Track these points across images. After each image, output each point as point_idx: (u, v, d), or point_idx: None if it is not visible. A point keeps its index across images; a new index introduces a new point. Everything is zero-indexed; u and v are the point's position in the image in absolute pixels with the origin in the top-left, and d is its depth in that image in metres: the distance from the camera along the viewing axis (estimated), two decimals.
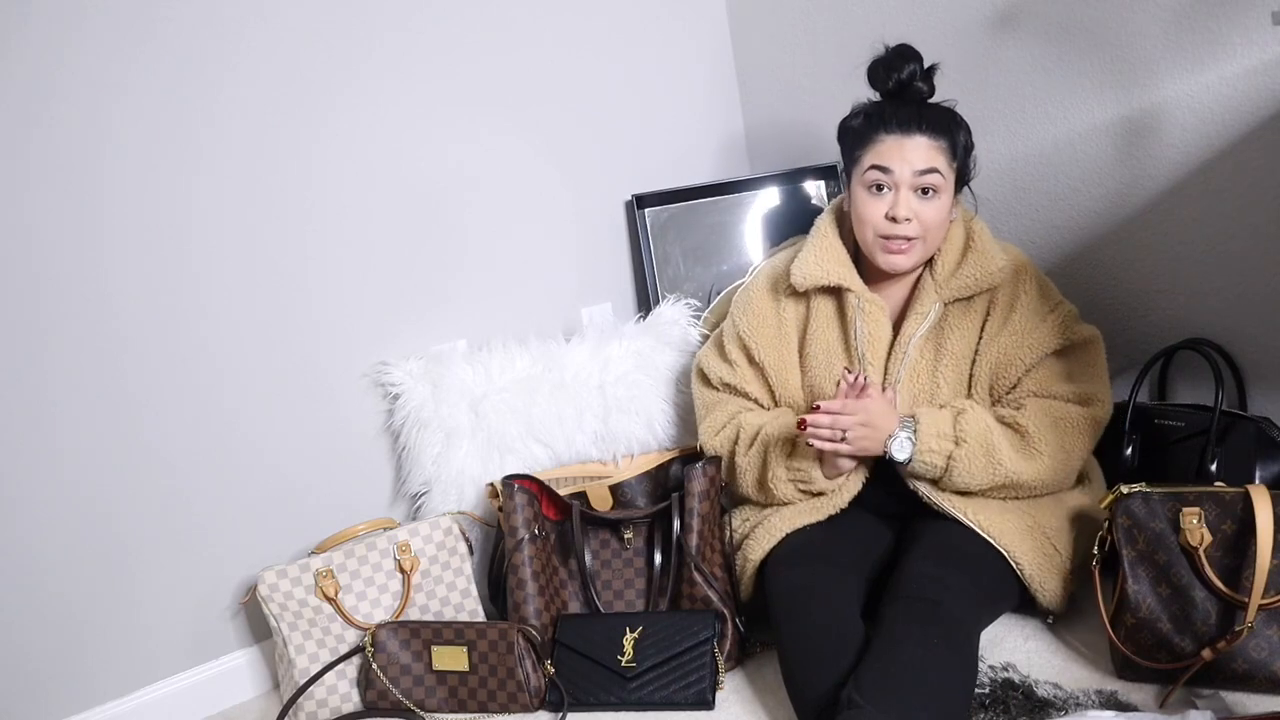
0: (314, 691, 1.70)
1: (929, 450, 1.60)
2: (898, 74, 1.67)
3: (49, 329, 1.67)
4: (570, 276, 2.27)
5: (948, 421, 1.62)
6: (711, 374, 1.85)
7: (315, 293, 1.93)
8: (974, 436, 1.60)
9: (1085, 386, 1.67)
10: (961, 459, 1.60)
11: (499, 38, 2.14)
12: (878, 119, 1.67)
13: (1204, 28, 1.74)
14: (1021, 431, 1.63)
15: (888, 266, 1.69)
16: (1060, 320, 1.69)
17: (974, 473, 1.61)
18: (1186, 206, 1.84)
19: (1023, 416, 1.64)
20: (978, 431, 1.61)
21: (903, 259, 1.67)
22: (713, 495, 1.77)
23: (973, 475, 1.61)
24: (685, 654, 1.63)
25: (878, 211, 1.66)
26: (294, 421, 1.91)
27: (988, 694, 1.49)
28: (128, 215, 1.72)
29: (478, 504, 1.96)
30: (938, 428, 1.61)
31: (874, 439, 1.60)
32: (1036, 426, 1.63)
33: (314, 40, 1.90)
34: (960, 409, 1.64)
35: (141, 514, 1.76)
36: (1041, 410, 1.65)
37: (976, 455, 1.60)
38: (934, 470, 1.62)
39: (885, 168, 1.65)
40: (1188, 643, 1.42)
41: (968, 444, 1.60)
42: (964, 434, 1.60)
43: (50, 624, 1.69)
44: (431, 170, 2.06)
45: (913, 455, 1.61)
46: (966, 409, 1.64)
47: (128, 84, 1.71)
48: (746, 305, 1.83)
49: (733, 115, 2.55)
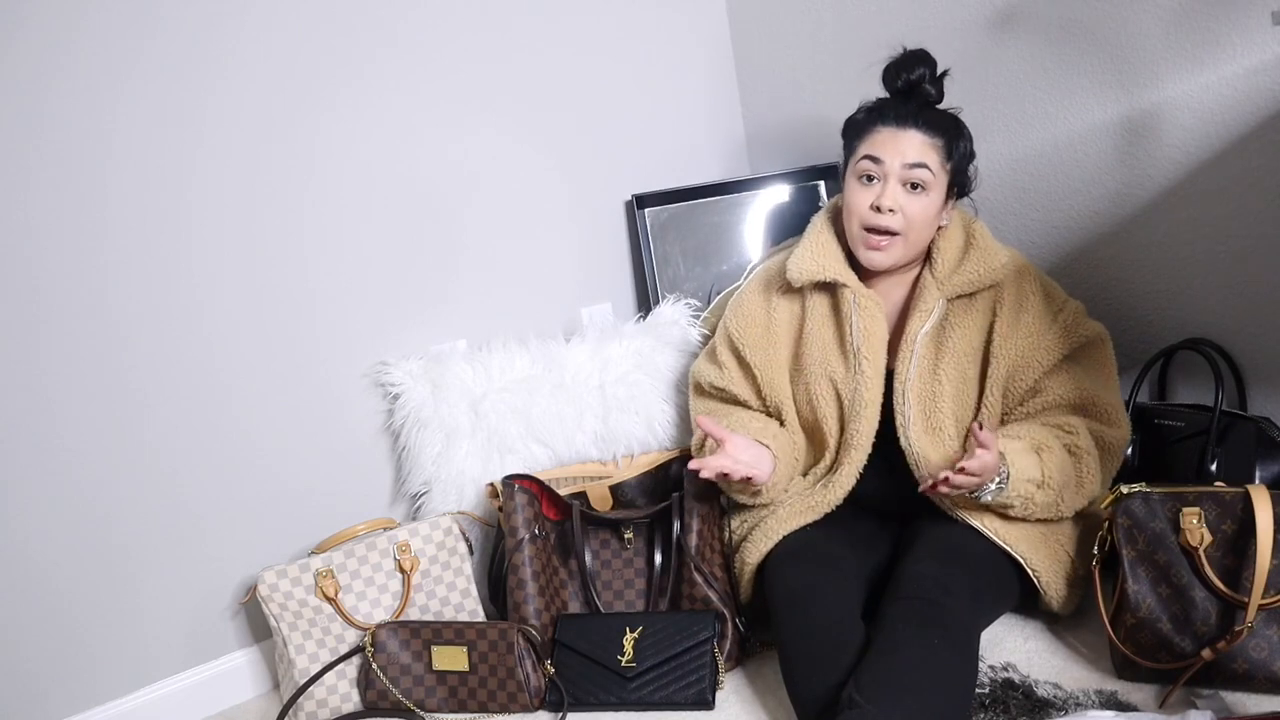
0: (314, 691, 1.70)
1: (1017, 495, 1.56)
2: (907, 74, 1.68)
3: (49, 329, 1.67)
4: (570, 276, 2.27)
5: (1036, 465, 1.56)
6: (703, 380, 1.86)
7: (315, 292, 1.93)
8: (1058, 483, 1.57)
9: (1108, 400, 1.65)
10: (1038, 499, 1.57)
11: (499, 38, 2.14)
12: (877, 112, 1.69)
13: (1204, 28, 1.74)
14: (1078, 456, 1.61)
15: (866, 262, 1.69)
16: (1070, 319, 1.68)
17: (1041, 509, 1.59)
18: (1186, 206, 1.84)
19: (1081, 440, 1.61)
20: (1062, 477, 1.58)
21: (880, 256, 1.67)
22: (713, 496, 1.77)
23: (1039, 511, 1.59)
24: (685, 654, 1.63)
25: (865, 201, 1.66)
26: (294, 421, 1.91)
27: (988, 694, 1.49)
28: (128, 215, 1.73)
29: (478, 504, 1.96)
30: (1028, 472, 1.55)
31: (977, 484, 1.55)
32: (1090, 455, 1.61)
33: (314, 40, 1.90)
34: (1041, 444, 1.59)
35: (141, 514, 1.76)
36: (1090, 437, 1.62)
37: (1050, 498, 1.58)
38: (1008, 507, 1.58)
39: (876, 158, 1.65)
40: (1188, 643, 1.42)
41: (1050, 490, 1.57)
42: (1050, 479, 1.56)
43: (50, 624, 1.69)
44: (432, 170, 2.06)
45: (994, 497, 1.56)
46: (1048, 446, 1.58)
47: (128, 84, 1.71)
48: (737, 305, 1.83)
49: (733, 115, 2.55)
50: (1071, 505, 1.62)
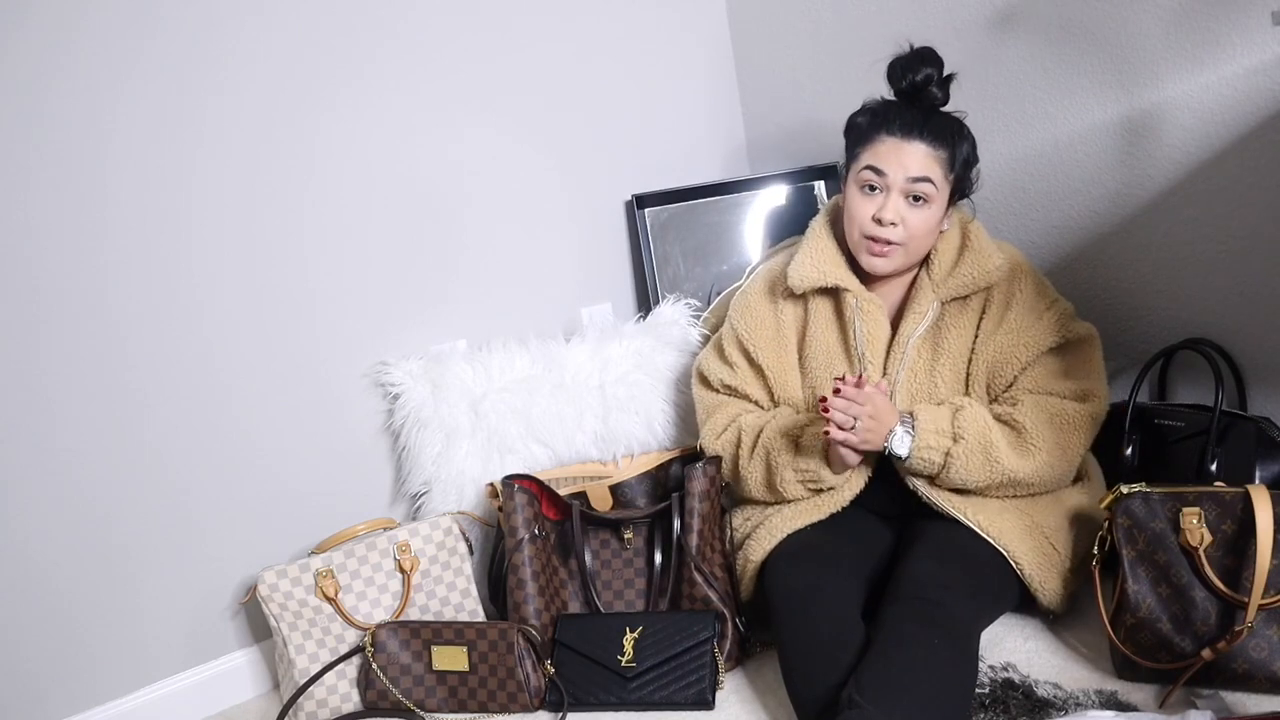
0: (314, 691, 1.70)
1: (927, 446, 1.60)
2: (913, 75, 1.66)
3: (49, 329, 1.67)
4: (570, 276, 2.27)
5: (946, 418, 1.62)
6: (712, 376, 1.85)
7: (315, 292, 1.93)
8: (972, 433, 1.61)
9: (1082, 383, 1.67)
10: (959, 455, 1.60)
11: (499, 38, 2.14)
12: (881, 119, 1.67)
13: (1204, 28, 1.74)
14: (1018, 428, 1.64)
15: (868, 267, 1.70)
16: (1056, 317, 1.69)
17: (971, 469, 1.61)
18: (1186, 206, 1.84)
19: (1019, 413, 1.64)
20: (976, 429, 1.61)
21: (882, 262, 1.68)
22: (713, 495, 1.77)
23: (970, 472, 1.61)
24: (685, 654, 1.63)
25: (866, 211, 1.66)
26: (294, 421, 1.91)
27: (988, 694, 1.49)
28: (128, 215, 1.72)
29: (478, 504, 1.96)
30: (936, 424, 1.61)
31: (878, 432, 1.60)
32: (1033, 423, 1.63)
33: (314, 39, 1.90)
34: (958, 406, 1.65)
35: (141, 514, 1.76)
36: (1037, 406, 1.65)
37: (974, 452, 1.60)
38: (932, 466, 1.62)
39: (879, 169, 1.65)
40: (1188, 643, 1.42)
41: (965, 440, 1.60)
42: (962, 430, 1.61)
43: (50, 624, 1.69)
44: (432, 169, 2.06)
45: (911, 451, 1.61)
46: (964, 406, 1.64)
47: (128, 84, 1.71)
48: (744, 308, 1.83)
49: (733, 115, 2.55)
50: (1013, 469, 1.61)
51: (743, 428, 1.77)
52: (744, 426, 1.77)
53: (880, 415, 1.59)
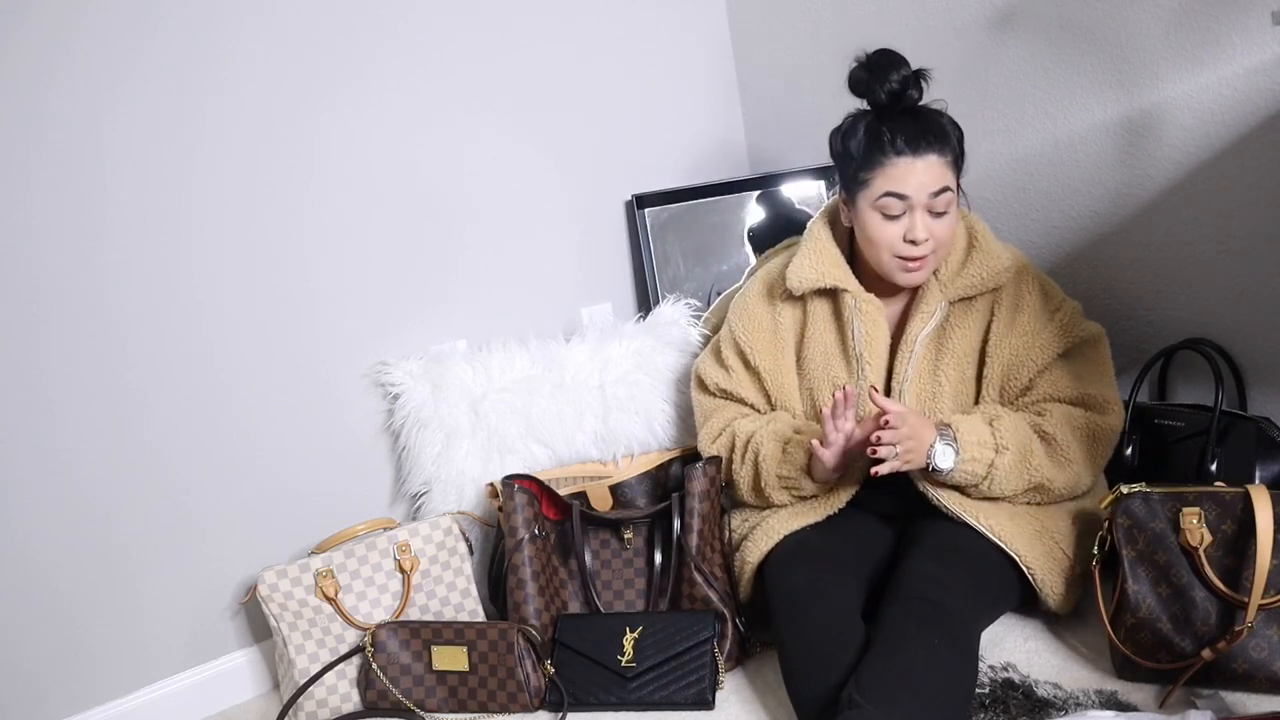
0: (314, 691, 1.70)
1: (972, 459, 1.57)
2: (889, 83, 1.62)
3: (49, 329, 1.67)
4: (570, 276, 2.27)
5: (985, 429, 1.59)
6: (709, 380, 1.85)
7: (315, 292, 1.93)
8: (1015, 444, 1.59)
9: (1100, 391, 1.66)
10: (1002, 467, 1.58)
11: (499, 38, 2.14)
12: (879, 139, 1.62)
13: (1204, 28, 1.74)
14: (1049, 439, 1.62)
15: (904, 284, 1.68)
16: (1066, 318, 1.68)
17: (1011, 480, 1.60)
18: (1186, 206, 1.84)
19: (1047, 423, 1.63)
20: (1018, 440, 1.59)
21: (920, 275, 1.66)
22: (713, 495, 1.77)
23: (1009, 482, 1.60)
24: (685, 654, 1.63)
25: (894, 235, 1.63)
26: (294, 421, 1.91)
27: (988, 694, 1.49)
28: (128, 215, 1.73)
29: (478, 504, 1.96)
30: (978, 435, 1.58)
31: (919, 451, 1.56)
32: (1063, 435, 1.62)
33: (314, 39, 1.90)
34: (994, 415, 1.62)
35: (141, 514, 1.76)
36: (1065, 418, 1.64)
37: (1016, 463, 1.59)
38: (974, 478, 1.59)
39: (900, 194, 1.61)
40: (1188, 643, 1.42)
41: (1009, 451, 1.58)
42: (1004, 441, 1.59)
43: (50, 624, 1.69)
44: (432, 170, 2.06)
45: (955, 464, 1.58)
46: (1001, 415, 1.62)
47: (128, 84, 1.71)
48: (742, 311, 1.82)
49: (733, 115, 2.55)
50: (1050, 479, 1.61)
51: (735, 433, 1.77)
52: (737, 432, 1.77)
53: (917, 433, 1.55)
